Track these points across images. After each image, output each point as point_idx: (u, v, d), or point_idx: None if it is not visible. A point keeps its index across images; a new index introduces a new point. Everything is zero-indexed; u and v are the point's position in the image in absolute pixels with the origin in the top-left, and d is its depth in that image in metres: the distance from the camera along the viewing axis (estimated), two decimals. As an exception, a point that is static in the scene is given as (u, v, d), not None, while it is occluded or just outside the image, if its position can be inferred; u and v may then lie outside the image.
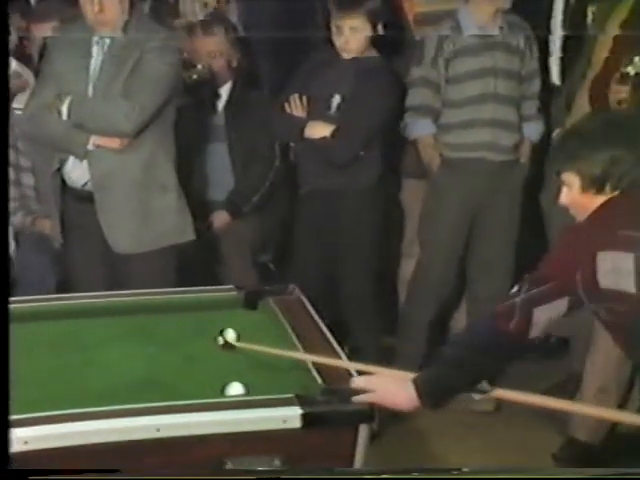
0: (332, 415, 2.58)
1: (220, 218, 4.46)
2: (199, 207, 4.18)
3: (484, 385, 2.66)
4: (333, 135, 4.11)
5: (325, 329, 3.09)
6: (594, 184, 2.44)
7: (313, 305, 3.25)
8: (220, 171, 4.45)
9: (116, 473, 2.23)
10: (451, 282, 4.49)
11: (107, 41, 3.68)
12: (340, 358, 2.90)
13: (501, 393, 2.74)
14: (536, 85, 4.45)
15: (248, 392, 2.70)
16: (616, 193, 2.44)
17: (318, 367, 2.81)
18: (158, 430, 2.48)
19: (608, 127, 2.48)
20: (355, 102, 4.11)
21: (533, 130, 4.44)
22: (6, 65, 2.09)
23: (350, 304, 4.27)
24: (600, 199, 2.45)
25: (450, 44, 4.32)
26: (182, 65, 3.93)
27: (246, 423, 2.55)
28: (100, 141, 3.73)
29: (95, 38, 3.68)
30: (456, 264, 4.47)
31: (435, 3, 4.60)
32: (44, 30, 4.47)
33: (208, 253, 4.38)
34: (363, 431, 2.60)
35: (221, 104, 4.46)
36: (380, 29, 4.11)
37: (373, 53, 4.18)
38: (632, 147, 2.43)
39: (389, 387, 2.57)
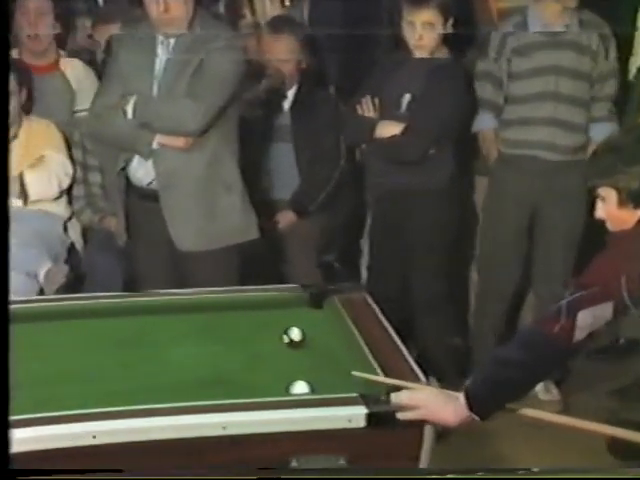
0: (397, 415, 2.62)
1: (286, 217, 4.51)
2: (264, 206, 4.22)
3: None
4: (403, 133, 4.12)
5: (391, 329, 3.11)
6: (632, 198, 2.49)
7: (378, 304, 3.28)
8: (286, 170, 4.49)
9: (118, 473, 2.22)
10: (514, 280, 4.48)
11: (172, 41, 3.72)
12: (405, 358, 2.93)
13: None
14: (610, 87, 4.40)
15: (313, 391, 2.73)
16: None
17: (383, 366, 2.84)
18: (224, 428, 2.52)
19: None
20: (425, 100, 4.12)
21: (600, 132, 4.36)
22: (7, 64, 2.06)
23: (421, 304, 4.28)
24: (638, 213, 2.49)
25: (514, 40, 4.32)
26: (249, 76, 3.93)
27: (311, 422, 2.58)
28: (165, 140, 3.77)
29: (160, 38, 3.73)
30: (518, 262, 4.45)
31: None
32: (108, 32, 4.55)
33: (273, 252, 4.42)
34: (429, 431, 2.62)
35: (287, 104, 4.51)
36: (450, 25, 4.11)
37: (444, 52, 4.19)
38: None
39: (434, 402, 2.58)
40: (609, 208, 2.54)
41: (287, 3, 4.87)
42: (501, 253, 4.42)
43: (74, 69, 4.65)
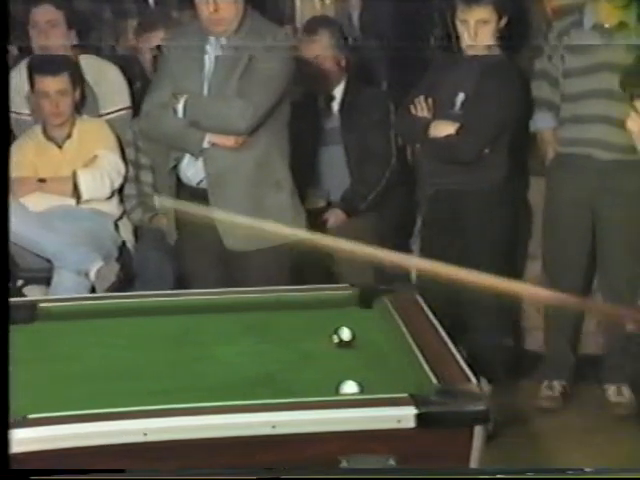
0: (447, 416, 2.59)
1: (335, 216, 4.52)
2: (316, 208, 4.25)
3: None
4: (458, 133, 4.11)
5: (441, 328, 3.11)
6: None
7: (429, 304, 3.28)
8: (337, 171, 4.51)
9: (119, 473, 2.17)
10: (578, 280, 4.44)
11: (222, 40, 3.75)
12: (455, 358, 2.92)
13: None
14: None
15: (363, 391, 2.73)
16: None
17: (433, 367, 2.83)
18: (274, 427, 2.53)
19: None
20: (479, 99, 4.11)
21: None
22: (6, 65, 2.08)
23: (472, 304, 4.26)
24: None
25: (568, 38, 4.30)
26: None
27: (360, 422, 2.58)
28: (215, 139, 3.80)
29: (210, 38, 3.76)
30: (580, 262, 4.41)
31: None
32: (151, 41, 4.57)
33: (324, 251, 4.43)
34: (479, 432, 2.60)
35: (336, 106, 4.52)
36: (504, 23, 4.09)
37: (497, 50, 4.17)
38: None
39: None
40: None
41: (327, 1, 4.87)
42: (562, 254, 4.40)
43: (91, 68, 4.61)
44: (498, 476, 2.18)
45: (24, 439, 2.32)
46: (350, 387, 2.75)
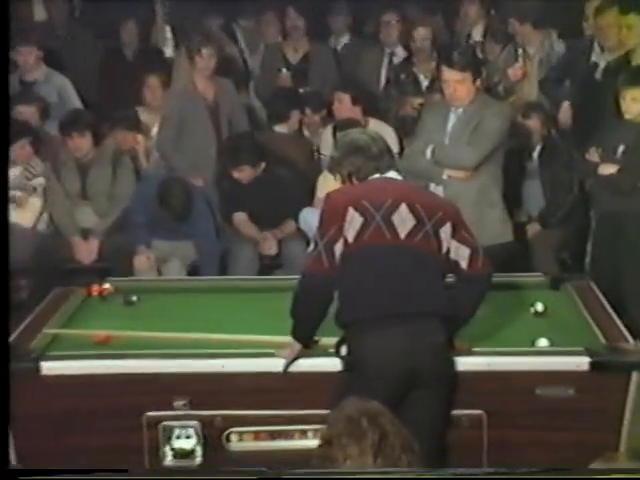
0: (611, 363, 2.67)
1: (533, 228, 4.65)
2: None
3: None
4: (618, 172, 4.12)
5: (610, 309, 3.12)
6: (344, 178, 2.79)
7: (601, 290, 3.29)
8: (535, 196, 4.64)
9: (122, 473, 1.75)
10: None
11: (460, 110, 3.90)
12: (618, 326, 2.95)
13: None
14: None
15: (552, 345, 2.83)
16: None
17: (603, 330, 2.88)
18: (489, 365, 2.68)
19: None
20: (636, 149, 4.09)
21: None
22: (6, 68, 1.96)
23: (630, 289, 4.20)
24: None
25: None
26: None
27: (550, 365, 2.71)
28: (452, 173, 3.93)
29: (452, 107, 3.91)
30: None
31: None
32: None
33: (525, 252, 4.54)
34: (635, 376, 2.67)
35: (535, 154, 4.66)
36: None
37: None
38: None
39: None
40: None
41: None
42: None
43: (374, 128, 4.55)
44: (502, 476, 1.72)
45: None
46: (543, 342, 2.85)
